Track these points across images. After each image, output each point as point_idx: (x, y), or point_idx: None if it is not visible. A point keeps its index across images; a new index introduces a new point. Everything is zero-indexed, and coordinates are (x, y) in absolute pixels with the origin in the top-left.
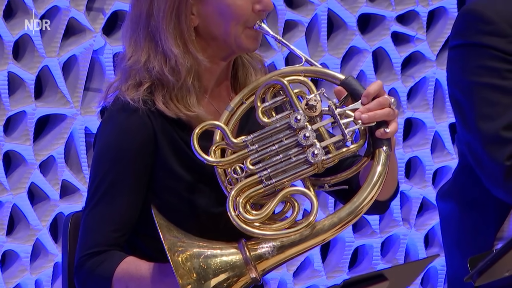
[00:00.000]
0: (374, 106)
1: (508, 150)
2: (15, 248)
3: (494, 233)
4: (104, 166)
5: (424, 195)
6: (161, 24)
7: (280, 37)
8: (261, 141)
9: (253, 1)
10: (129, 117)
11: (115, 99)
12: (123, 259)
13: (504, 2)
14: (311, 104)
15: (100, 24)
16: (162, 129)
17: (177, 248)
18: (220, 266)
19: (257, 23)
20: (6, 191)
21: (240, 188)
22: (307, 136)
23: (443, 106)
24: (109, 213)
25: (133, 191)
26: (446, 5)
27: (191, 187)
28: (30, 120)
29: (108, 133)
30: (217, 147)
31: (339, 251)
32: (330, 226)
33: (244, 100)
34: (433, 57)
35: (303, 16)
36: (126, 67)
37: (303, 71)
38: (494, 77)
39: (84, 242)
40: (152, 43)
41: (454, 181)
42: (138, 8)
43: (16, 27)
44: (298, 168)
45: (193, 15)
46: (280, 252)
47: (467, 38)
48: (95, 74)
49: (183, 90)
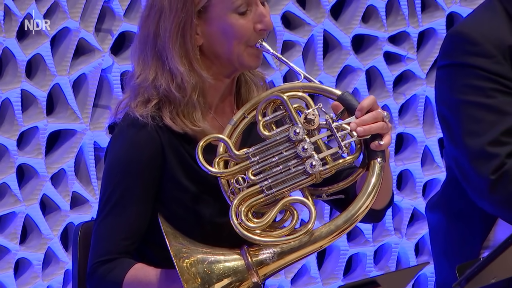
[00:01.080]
0: (369, 119)
1: (493, 164)
2: (28, 256)
3: (480, 243)
4: (114, 178)
5: (415, 206)
6: (167, 44)
7: (279, 55)
8: (262, 153)
9: (254, 21)
10: (138, 132)
11: (125, 115)
12: (133, 266)
13: (489, 25)
14: (309, 118)
15: (108, 44)
16: (169, 143)
17: (182, 254)
18: (224, 271)
19: (258, 41)
20: (19, 202)
21: (242, 198)
22: (306, 148)
23: (433, 122)
24: (119, 223)
25: (142, 202)
26: (435, 27)
27: (196, 198)
28: (42, 135)
29: (119, 147)
30: (220, 159)
31: (334, 259)
32: (328, 233)
33: (246, 114)
34: (423, 76)
35: (300, 37)
36: (135, 84)
37: (301, 87)
38: (480, 95)
39: (96, 250)
40: (159, 62)
41: (442, 193)
42: (146, 29)
43: (28, 47)
44: (297, 178)
45: (198, 35)
46: (280, 258)
47: (454, 58)
48: (104, 92)
49: (189, 106)
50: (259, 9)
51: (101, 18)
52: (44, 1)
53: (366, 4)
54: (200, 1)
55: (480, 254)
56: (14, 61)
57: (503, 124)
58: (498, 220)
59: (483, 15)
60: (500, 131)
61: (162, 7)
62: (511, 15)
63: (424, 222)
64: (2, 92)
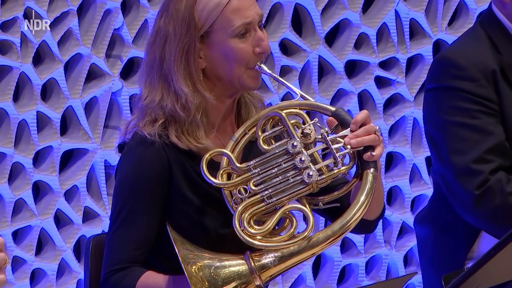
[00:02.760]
0: (362, 132)
1: (477, 180)
2: (43, 267)
3: (465, 254)
4: (125, 193)
5: (404, 220)
6: (172, 67)
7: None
8: (262, 165)
9: (253, 45)
10: (146, 149)
11: (134, 134)
12: (143, 274)
13: (473, 51)
14: (306, 132)
15: (117, 69)
16: (175, 159)
17: (190, 260)
18: (229, 276)
19: (257, 64)
20: (35, 217)
21: (245, 206)
22: (303, 160)
23: (420, 142)
24: (130, 234)
25: (151, 214)
26: (422, 53)
27: (200, 211)
28: (56, 153)
29: (128, 164)
30: (224, 171)
31: (329, 269)
32: (325, 238)
33: (247, 131)
34: (411, 99)
35: (297, 62)
36: (143, 106)
37: (298, 105)
38: (465, 116)
39: (108, 260)
40: (165, 84)
41: (429, 208)
42: (152, 54)
43: (44, 72)
44: (295, 188)
45: (201, 58)
46: (281, 262)
47: (441, 82)
48: (114, 113)
49: (193, 125)
50: (257, 34)
51: (111, 45)
52: (58, 29)
53: (358, 32)
54: (202, 27)
55: (465, 264)
56: (30, 85)
57: (487, 143)
58: (482, 233)
59: (468, 41)
60: (484, 149)
61: (167, 33)
62: (493, 42)
63: (412, 235)
64: (19, 113)
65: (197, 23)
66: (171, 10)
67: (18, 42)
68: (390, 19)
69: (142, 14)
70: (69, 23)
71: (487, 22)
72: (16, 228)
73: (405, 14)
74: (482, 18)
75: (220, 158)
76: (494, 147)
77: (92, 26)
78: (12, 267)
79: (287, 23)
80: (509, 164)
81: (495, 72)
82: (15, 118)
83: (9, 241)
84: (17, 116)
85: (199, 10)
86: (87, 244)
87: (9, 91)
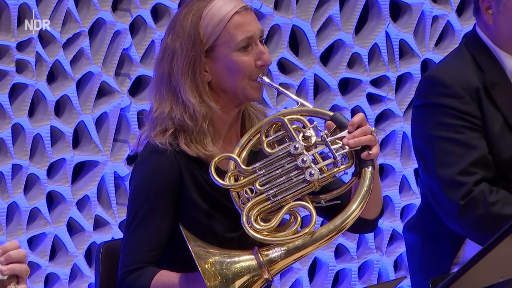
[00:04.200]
0: (359, 133)
1: (462, 191)
2: (56, 272)
3: (451, 259)
4: (140, 198)
5: (394, 227)
6: (180, 80)
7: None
8: (267, 167)
9: (255, 58)
10: (159, 157)
11: (146, 144)
12: (158, 272)
13: (458, 70)
14: (307, 135)
15: (126, 86)
16: (186, 166)
17: (202, 256)
18: (240, 270)
19: (259, 76)
20: (48, 224)
21: (252, 205)
22: (305, 160)
23: (409, 155)
24: (144, 236)
25: (164, 217)
26: (411, 71)
27: (208, 215)
28: (69, 165)
29: (142, 172)
30: (231, 174)
31: (324, 273)
32: (327, 232)
33: (251, 137)
34: (401, 114)
35: (294, 80)
36: (153, 117)
37: (298, 111)
38: (450, 131)
39: (125, 261)
40: (173, 96)
41: (417, 217)
42: (161, 69)
43: (57, 89)
44: (298, 186)
45: (206, 72)
46: (288, 256)
47: (428, 99)
48: (122, 128)
49: (200, 133)
50: (258, 48)
51: (120, 64)
52: (71, 49)
53: (351, 52)
54: (207, 42)
55: (451, 269)
56: (45, 101)
57: (471, 156)
58: (466, 240)
59: (453, 61)
60: (468, 162)
61: (175, 49)
62: (477, 61)
63: (401, 242)
64: (34, 128)
65: (202, 38)
66: (177, 28)
67: (33, 61)
68: (381, 40)
69: (149, 35)
70: (81, 43)
71: (472, 43)
72: (31, 235)
73: (395, 35)
74: (467, 39)
75: (227, 166)
76: (477, 160)
77: (103, 46)
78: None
79: (285, 44)
80: (491, 176)
81: (479, 90)
82: (30, 132)
83: (25, 247)
84: (32, 130)
85: (204, 26)
86: (97, 250)
87: (25, 107)
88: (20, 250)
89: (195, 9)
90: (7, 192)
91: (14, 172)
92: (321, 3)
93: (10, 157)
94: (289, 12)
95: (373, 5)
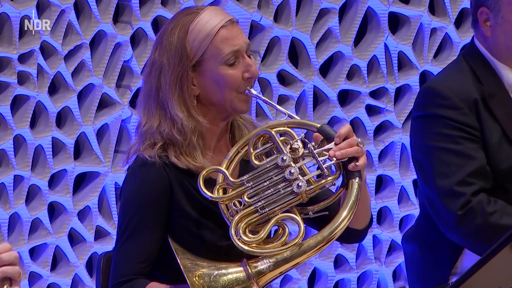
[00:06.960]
0: (345, 145)
1: (460, 201)
2: (58, 282)
3: (449, 269)
4: (130, 211)
5: (393, 238)
6: (168, 95)
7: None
8: (255, 179)
9: (243, 71)
10: (148, 170)
11: (136, 158)
12: (147, 284)
13: (456, 81)
14: (294, 148)
15: (127, 98)
16: (175, 177)
17: (190, 268)
18: (228, 282)
19: (247, 88)
20: (50, 235)
21: (240, 217)
22: (292, 172)
23: (408, 166)
24: (135, 248)
25: (154, 229)
26: (410, 83)
27: (199, 225)
28: (70, 176)
29: (133, 185)
30: (219, 186)
31: (323, 283)
32: (315, 243)
33: (240, 149)
34: (399, 126)
35: (293, 92)
36: (142, 132)
37: (286, 123)
38: (449, 142)
39: (115, 273)
40: (162, 110)
41: (416, 227)
42: (149, 84)
43: (58, 100)
44: (286, 198)
45: (194, 86)
46: (276, 267)
47: (427, 110)
48: (123, 139)
49: (190, 147)
50: (245, 60)
51: (121, 76)
52: (72, 61)
53: (350, 64)
54: (194, 57)
55: (449, 279)
56: (46, 113)
57: (469, 167)
58: (465, 250)
59: (452, 72)
60: (466, 173)
61: (162, 63)
62: (475, 73)
63: (400, 252)
64: (36, 139)
65: (189, 53)
66: (164, 43)
67: (35, 73)
68: (380, 52)
69: (150, 47)
70: (82, 55)
71: (470, 55)
72: (32, 245)
73: (394, 47)
74: (465, 51)
75: (216, 176)
76: (476, 171)
77: (104, 58)
78: (29, 282)
79: (284, 56)
80: (489, 186)
81: (477, 101)
82: (32, 144)
83: (26, 257)
84: (33, 141)
85: (191, 41)
86: (98, 260)
87: (27, 119)
88: (12, 252)
89: (182, 24)
90: (9, 202)
91: (15, 183)
92: (320, 16)
93: (12, 168)
94: (288, 25)
95: (372, 17)
